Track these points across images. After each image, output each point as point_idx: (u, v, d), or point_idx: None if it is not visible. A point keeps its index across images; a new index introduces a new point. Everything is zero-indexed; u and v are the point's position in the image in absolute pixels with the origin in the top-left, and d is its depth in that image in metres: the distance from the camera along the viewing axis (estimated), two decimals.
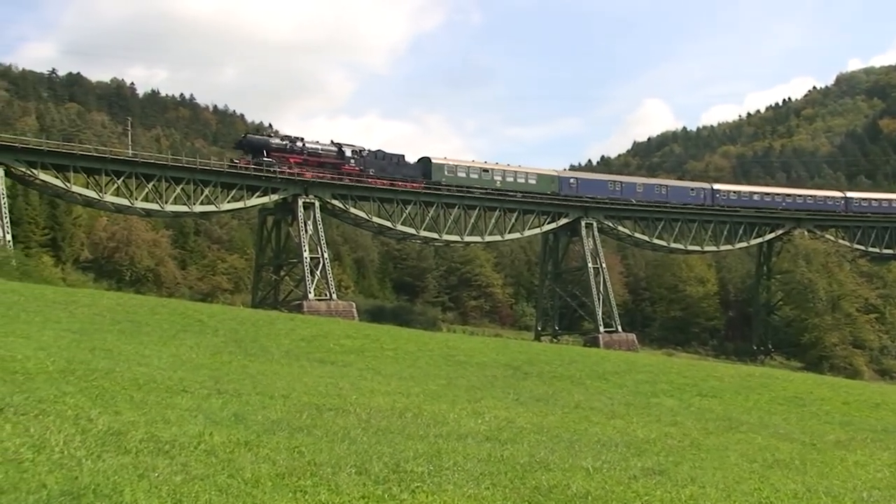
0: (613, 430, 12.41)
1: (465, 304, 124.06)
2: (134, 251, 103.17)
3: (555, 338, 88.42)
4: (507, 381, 19.34)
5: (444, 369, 20.84)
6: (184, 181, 70.43)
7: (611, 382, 21.54)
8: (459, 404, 13.39)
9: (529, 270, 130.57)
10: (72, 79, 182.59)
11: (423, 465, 7.78)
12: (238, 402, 10.49)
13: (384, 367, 19.55)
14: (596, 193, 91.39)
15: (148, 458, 6.66)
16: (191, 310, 27.28)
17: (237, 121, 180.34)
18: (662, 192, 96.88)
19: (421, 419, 11.17)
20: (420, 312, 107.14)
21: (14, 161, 62.18)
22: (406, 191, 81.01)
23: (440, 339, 29.89)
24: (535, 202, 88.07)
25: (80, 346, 14.45)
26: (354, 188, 78.61)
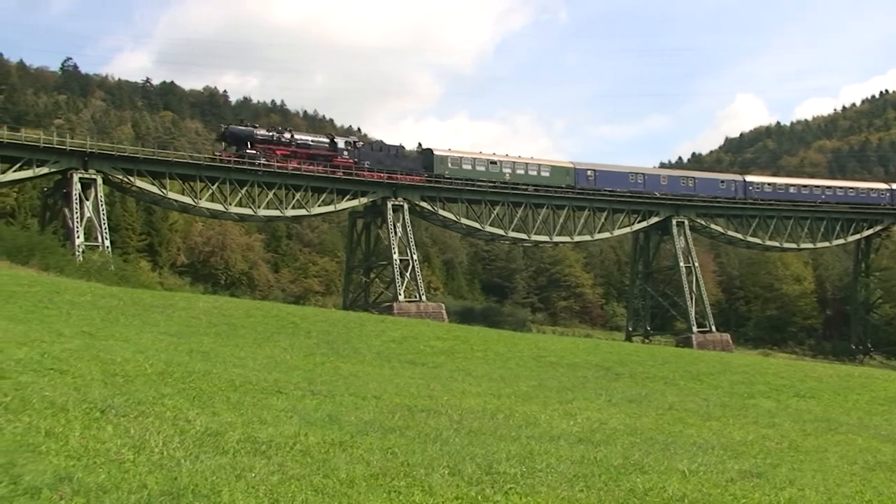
0: (709, 432, 12.21)
1: (554, 305, 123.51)
2: (228, 255, 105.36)
3: (646, 338, 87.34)
4: (598, 382, 19.17)
5: (534, 370, 20.76)
6: (276, 186, 71.52)
7: (705, 383, 21.19)
8: (551, 405, 13.32)
9: (620, 270, 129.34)
10: (166, 88, 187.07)
11: (516, 467, 7.75)
12: (331, 403, 10.59)
13: (474, 368, 19.56)
14: (615, 186, 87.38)
15: (245, 459, 6.76)
16: (284, 312, 27.63)
17: (327, 125, 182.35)
18: (689, 184, 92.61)
19: (512, 420, 11.13)
20: (509, 313, 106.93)
21: (112, 169, 63.93)
22: (494, 192, 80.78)
23: (530, 340, 29.77)
24: (624, 200, 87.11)
25: (177, 348, 14.75)
26: (443, 190, 78.79)
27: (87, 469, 5.87)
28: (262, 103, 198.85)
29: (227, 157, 68.89)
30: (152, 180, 66.73)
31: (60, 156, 61.57)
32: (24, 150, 60.32)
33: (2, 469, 5.55)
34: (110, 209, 73.13)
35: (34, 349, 11.18)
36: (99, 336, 14.84)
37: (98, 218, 62.06)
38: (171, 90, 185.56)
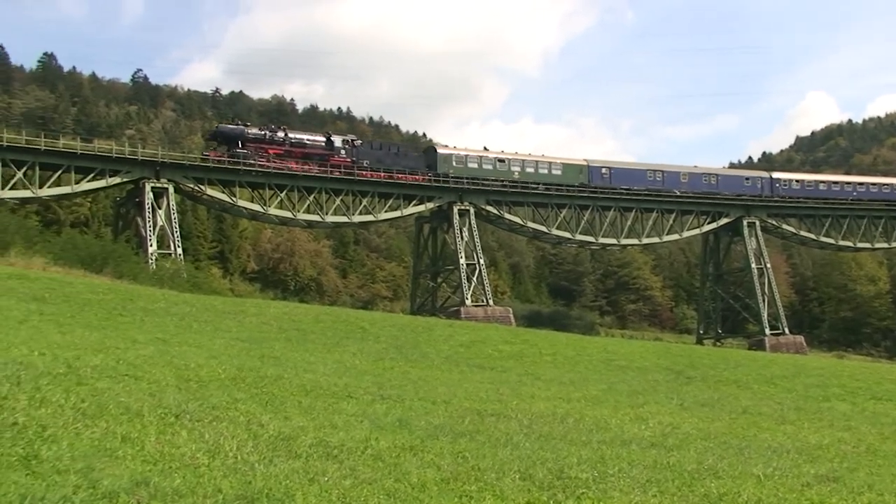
0: (784, 436, 11.98)
1: (622, 308, 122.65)
2: (297, 261, 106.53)
3: (718, 341, 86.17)
4: (669, 386, 18.95)
5: (604, 374, 20.60)
6: (343, 192, 72.08)
7: (779, 387, 20.82)
8: (622, 409, 13.20)
9: (689, 272, 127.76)
10: (234, 97, 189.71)
11: (588, 472, 7.68)
12: (401, 408, 10.63)
13: (543, 372, 19.47)
14: (632, 184, 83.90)
15: (317, 463, 6.81)
16: (353, 317, 27.82)
17: (392, 131, 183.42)
18: (712, 181, 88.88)
19: (583, 425, 11.05)
20: (577, 317, 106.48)
21: (183, 178, 65.04)
22: (561, 195, 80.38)
23: (599, 344, 29.58)
24: (693, 202, 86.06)
25: (249, 354, 14.93)
26: (509, 194, 78.64)
27: (163, 474, 5.96)
28: (329, 111, 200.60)
29: (218, 157, 66.49)
30: (222, 188, 67.78)
31: (133, 166, 62.83)
32: (97, 161, 61.66)
33: (80, 474, 5.66)
34: (182, 217, 74.39)
35: (110, 356, 11.39)
36: (172, 342, 15.08)
37: (170, 226, 63.19)
38: (239, 100, 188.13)
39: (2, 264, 28.30)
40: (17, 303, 18.32)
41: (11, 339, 11.96)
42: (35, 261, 31.29)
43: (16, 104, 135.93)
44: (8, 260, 30.08)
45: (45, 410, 7.27)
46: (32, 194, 60.22)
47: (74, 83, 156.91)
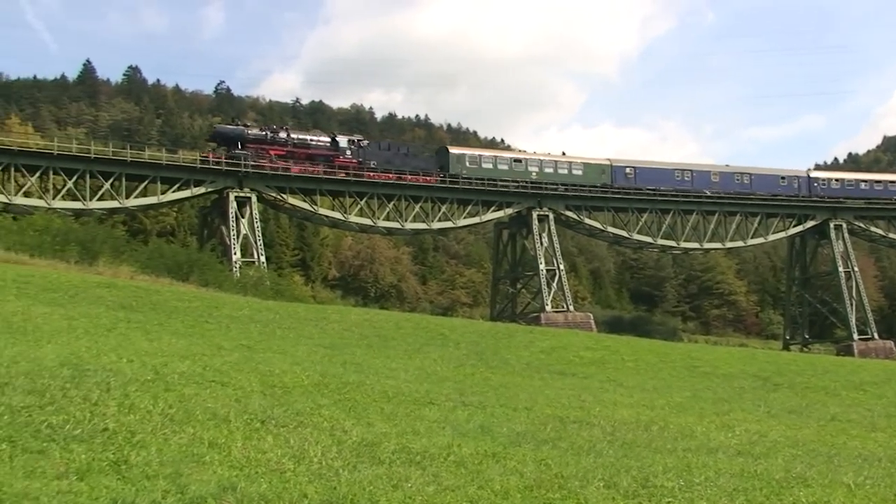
0: (875, 444, 11.67)
1: (706, 314, 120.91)
2: (377, 268, 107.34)
3: (805, 347, 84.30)
4: (755, 393, 18.60)
5: (688, 381, 20.30)
6: (422, 199, 72.43)
7: (869, 393, 20.28)
8: (707, 417, 13.00)
9: (775, 276, 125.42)
10: (314, 107, 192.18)
11: (673, 480, 7.56)
12: (483, 414, 10.61)
13: (626, 378, 19.27)
14: (658, 184, 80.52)
15: (401, 469, 6.82)
16: (433, 324, 27.88)
17: (470, 138, 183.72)
18: (745, 181, 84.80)
19: (667, 432, 10.91)
20: (659, 322, 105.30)
21: (265, 187, 66.08)
22: (641, 199, 79.62)
23: (682, 350, 29.18)
24: (778, 204, 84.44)
25: (331, 360, 15.05)
26: (588, 198, 78.14)
27: (250, 479, 6.04)
28: (407, 118, 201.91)
29: (217, 159, 64.12)
30: (304, 197, 68.70)
31: (217, 176, 64.02)
32: (182, 171, 63.02)
33: (169, 479, 5.76)
34: (264, 226, 75.48)
35: (196, 362, 11.59)
36: (257, 349, 15.29)
37: (253, 234, 64.25)
38: (319, 109, 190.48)
39: (91, 273, 29.02)
40: (105, 311, 18.76)
41: (101, 346, 12.24)
42: (123, 270, 31.99)
43: (102, 117, 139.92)
44: (96, 269, 30.81)
45: (134, 416, 7.42)
46: (119, 205, 61.83)
47: (159, 95, 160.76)
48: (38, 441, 6.20)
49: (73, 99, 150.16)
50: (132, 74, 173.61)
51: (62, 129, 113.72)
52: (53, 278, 23.25)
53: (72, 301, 19.70)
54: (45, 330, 13.44)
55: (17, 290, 19.72)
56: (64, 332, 13.61)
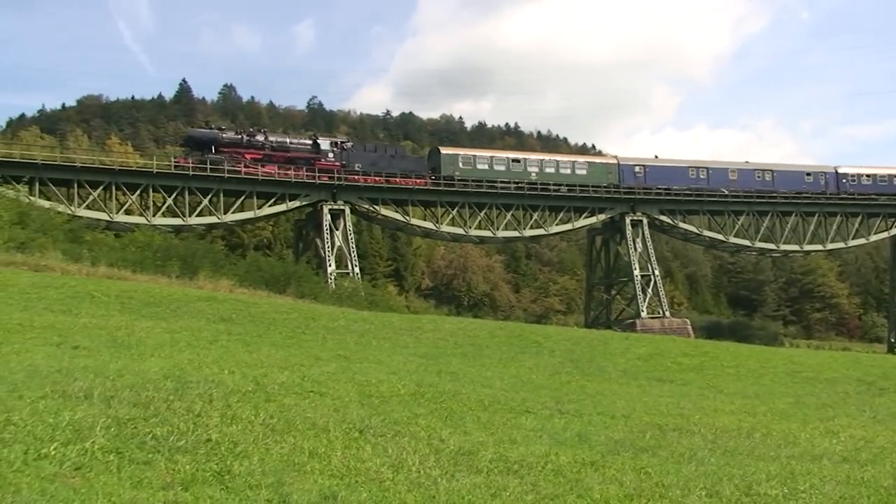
0: None
1: (807, 317, 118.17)
2: (470, 277, 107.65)
3: None
4: (861, 398, 18.04)
5: (790, 386, 19.82)
6: (513, 207, 72.37)
7: None
8: (811, 423, 12.66)
9: (878, 278, 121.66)
10: (405, 118, 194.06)
11: (777, 488, 7.40)
12: (580, 422, 10.52)
13: (726, 385, 18.92)
14: (670, 183, 76.76)
15: (499, 478, 6.81)
16: (527, 332, 27.76)
17: (560, 145, 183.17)
18: (766, 178, 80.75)
19: (770, 439, 10.66)
20: (759, 327, 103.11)
21: (358, 199, 66.91)
22: (737, 201, 78.17)
23: (783, 355, 28.50)
24: (880, 204, 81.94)
25: (427, 369, 15.11)
26: (682, 202, 77.08)
27: (350, 488, 6.09)
28: (496, 127, 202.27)
29: (189, 164, 61.51)
30: (396, 208, 69.29)
31: (311, 189, 65.04)
32: (277, 186, 64.14)
33: (271, 488, 5.84)
34: (358, 237, 76.39)
35: (295, 373, 11.74)
36: (353, 359, 15.42)
37: (347, 246, 65.07)
38: (409, 120, 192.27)
39: (191, 287, 29.67)
40: (206, 323, 19.16)
41: (203, 358, 12.51)
42: (222, 283, 32.64)
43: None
44: (197, 283, 31.49)
45: (236, 427, 7.55)
46: (218, 220, 63.27)
47: (253, 112, 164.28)
48: (143, 452, 6.35)
49: (171, 118, 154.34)
50: (227, 92, 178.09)
51: (161, 147, 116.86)
52: (155, 293, 23.82)
53: (173, 315, 20.17)
54: (149, 343, 13.78)
55: (120, 306, 20.27)
56: (166, 345, 13.94)
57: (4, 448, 5.85)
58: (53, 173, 56.28)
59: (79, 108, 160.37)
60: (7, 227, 36.27)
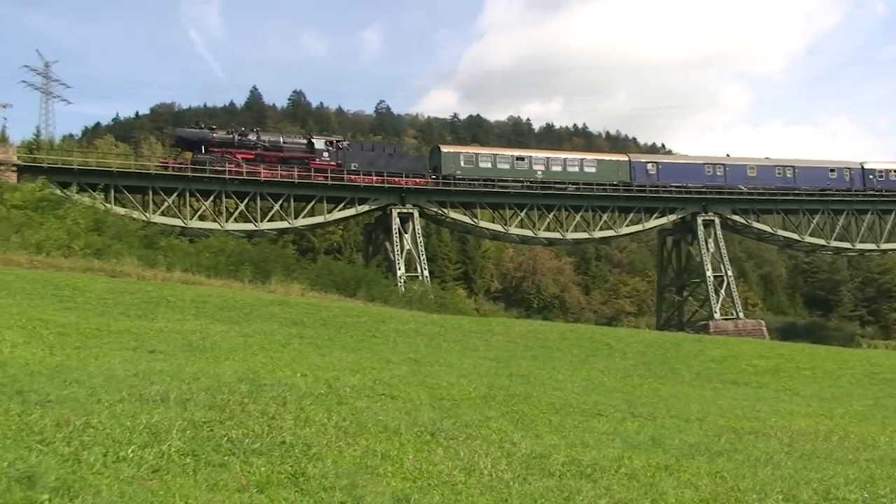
0: None
1: (885, 317, 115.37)
2: (540, 279, 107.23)
3: None
4: None
5: (868, 388, 19.40)
6: (582, 209, 71.97)
7: None
8: (891, 426, 12.39)
9: None
10: (472, 121, 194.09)
11: (856, 493, 7.26)
12: (653, 426, 10.42)
13: (802, 387, 18.57)
14: (685, 180, 73.86)
15: (571, 482, 6.77)
16: (598, 334, 27.60)
17: (630, 145, 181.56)
18: (788, 174, 77.45)
19: (848, 442, 10.46)
20: (835, 328, 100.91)
21: (427, 203, 67.15)
22: (813, 199, 76.69)
23: (861, 356, 27.94)
24: None
25: (497, 372, 15.09)
26: (756, 201, 75.89)
27: (423, 491, 6.11)
28: (564, 128, 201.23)
29: (179, 165, 60.93)
30: (464, 210, 69.38)
31: (380, 193, 65.45)
32: (347, 191, 64.65)
33: (345, 490, 5.88)
34: (427, 240, 76.58)
35: (366, 376, 11.83)
36: (424, 362, 15.47)
37: (416, 249, 65.34)
38: (477, 123, 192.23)
39: (264, 291, 30.04)
40: (279, 327, 19.38)
41: (276, 361, 12.65)
42: (293, 287, 32.99)
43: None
44: (269, 287, 31.87)
45: (310, 429, 7.62)
46: (289, 225, 63.99)
47: (322, 118, 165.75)
48: (219, 455, 6.43)
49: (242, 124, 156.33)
50: (296, 98, 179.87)
51: None
52: (229, 297, 24.16)
53: (247, 319, 20.43)
54: (223, 347, 13.98)
55: (195, 310, 20.59)
56: (240, 348, 14.12)
57: (84, 450, 5.98)
58: (128, 181, 57.51)
59: (152, 116, 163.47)
60: (84, 234, 37.16)
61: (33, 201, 43.15)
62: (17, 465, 5.39)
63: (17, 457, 5.58)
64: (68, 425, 6.56)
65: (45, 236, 33.92)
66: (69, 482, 5.24)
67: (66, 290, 20.81)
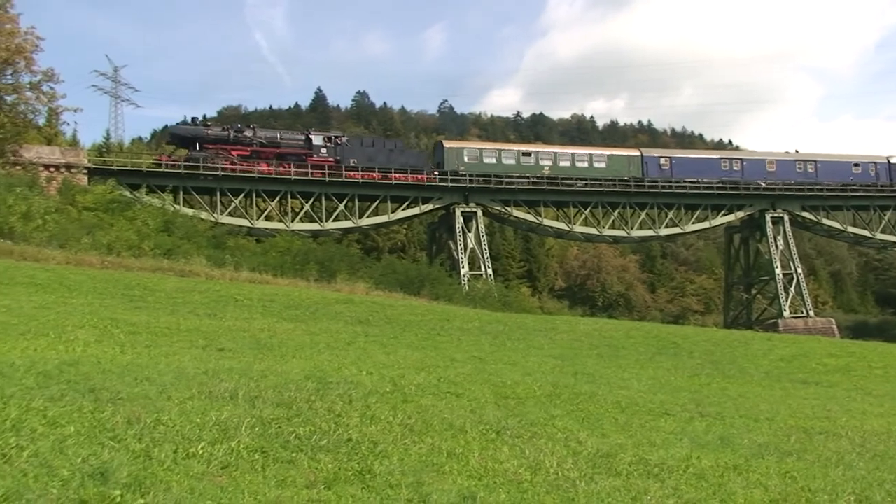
0: None
1: None
2: (604, 277, 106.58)
3: None
4: None
5: None
6: (647, 206, 71.35)
7: None
8: None
9: None
10: (535, 119, 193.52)
11: None
12: (722, 425, 10.30)
13: (874, 386, 18.19)
14: (700, 175, 71.89)
15: (639, 481, 6.72)
16: (664, 332, 27.35)
17: (696, 141, 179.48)
18: (809, 169, 75.17)
19: None
20: None
21: (490, 201, 67.13)
22: (884, 196, 75.03)
23: None
24: None
25: (562, 370, 15.03)
26: (827, 198, 74.48)
27: (489, 489, 6.11)
28: (629, 125, 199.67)
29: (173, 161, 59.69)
30: (528, 209, 69.20)
31: (443, 192, 65.61)
32: (410, 190, 64.95)
33: (411, 488, 5.91)
34: (490, 239, 76.52)
35: (431, 374, 11.86)
36: (488, 360, 15.47)
37: (480, 248, 65.39)
38: (540, 121, 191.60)
39: (329, 290, 30.29)
40: (344, 326, 19.55)
41: (342, 359, 12.76)
42: (358, 286, 33.25)
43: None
44: (335, 286, 32.14)
45: (375, 427, 7.66)
46: (353, 224, 64.50)
47: (386, 118, 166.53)
48: (287, 451, 6.50)
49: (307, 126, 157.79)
50: (360, 99, 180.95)
51: None
52: (295, 296, 24.43)
53: (313, 317, 20.64)
54: (290, 345, 14.13)
55: (262, 309, 20.86)
56: (307, 346, 14.26)
57: (155, 447, 6.09)
58: (197, 182, 58.32)
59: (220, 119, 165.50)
60: (154, 235, 37.89)
61: (104, 203, 44.16)
62: (91, 462, 5.51)
63: (91, 453, 5.70)
64: (139, 422, 6.68)
65: (116, 237, 34.65)
66: (140, 478, 5.34)
67: (136, 289, 21.23)
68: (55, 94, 41.38)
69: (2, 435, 5.85)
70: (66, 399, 7.25)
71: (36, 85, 40.16)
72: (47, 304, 16.35)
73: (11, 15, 39.85)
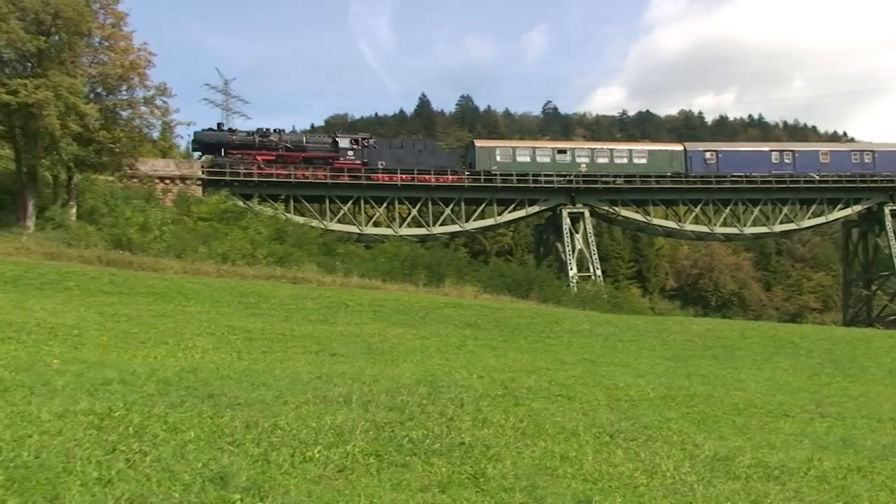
0: None
1: None
2: (717, 276, 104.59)
3: None
4: None
5: None
6: (761, 202, 69.68)
7: None
8: None
9: None
10: (642, 117, 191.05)
11: None
12: (843, 426, 10.00)
13: None
14: (748, 170, 68.18)
15: (758, 484, 6.57)
16: (781, 332, 26.72)
17: (809, 134, 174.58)
18: (866, 160, 70.84)
19: None
20: None
21: (597, 201, 66.45)
22: None
23: None
24: None
25: (676, 372, 14.81)
26: None
27: (604, 493, 6.05)
28: (739, 119, 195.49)
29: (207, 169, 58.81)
30: (636, 208, 68.28)
31: (549, 194, 65.24)
32: (516, 192, 64.76)
33: (525, 491, 5.89)
34: (598, 239, 75.76)
35: (542, 377, 11.82)
36: (600, 362, 15.35)
37: (588, 249, 64.77)
38: (646, 119, 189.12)
39: (438, 294, 30.50)
40: (453, 329, 19.65)
41: (452, 363, 12.82)
42: (466, 290, 33.39)
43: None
44: (443, 290, 32.34)
45: (488, 430, 7.67)
46: (460, 228, 64.66)
47: (490, 121, 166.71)
48: (401, 455, 6.56)
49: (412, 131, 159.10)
50: (464, 103, 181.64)
51: None
52: (405, 301, 24.66)
53: (422, 321, 20.80)
54: (401, 349, 14.27)
55: (373, 314, 21.12)
56: (417, 350, 14.38)
57: (273, 451, 6.21)
58: (306, 190, 59.33)
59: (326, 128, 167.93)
60: (267, 243, 38.76)
61: (218, 213, 45.40)
62: (211, 466, 5.66)
63: (210, 458, 5.86)
64: (257, 427, 6.83)
65: (230, 246, 35.56)
66: (259, 482, 5.45)
67: (251, 297, 21.75)
68: (168, 109, 42.52)
69: (126, 441, 6.05)
70: (185, 405, 7.47)
71: (150, 100, 41.34)
72: (166, 312, 16.88)
73: (125, 33, 41.13)
